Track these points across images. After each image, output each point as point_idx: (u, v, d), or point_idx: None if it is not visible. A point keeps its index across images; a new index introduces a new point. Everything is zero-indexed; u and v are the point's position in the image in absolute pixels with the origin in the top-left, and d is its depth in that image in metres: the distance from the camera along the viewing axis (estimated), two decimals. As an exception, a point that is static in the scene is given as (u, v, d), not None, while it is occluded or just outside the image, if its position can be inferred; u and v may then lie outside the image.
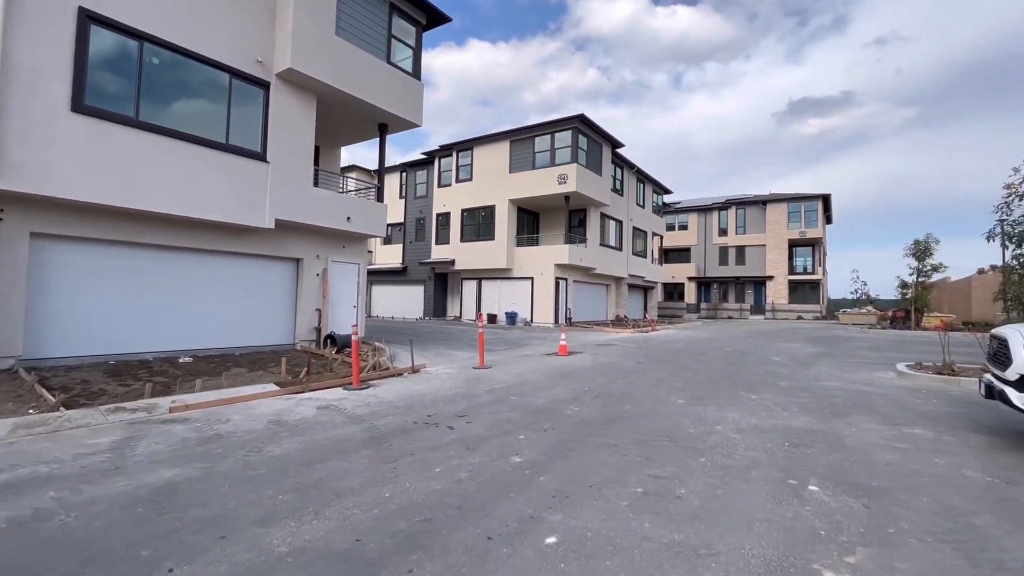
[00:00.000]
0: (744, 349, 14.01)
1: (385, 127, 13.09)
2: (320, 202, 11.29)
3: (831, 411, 6.13)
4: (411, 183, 28.26)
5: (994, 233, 8.63)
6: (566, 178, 21.15)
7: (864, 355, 12.74)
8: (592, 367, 10.01)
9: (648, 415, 5.90)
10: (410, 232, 28.02)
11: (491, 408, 6.23)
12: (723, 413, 5.99)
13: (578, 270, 23.68)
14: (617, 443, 4.71)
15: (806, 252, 38.81)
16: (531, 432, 5.10)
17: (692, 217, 42.84)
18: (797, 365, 10.61)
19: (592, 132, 22.58)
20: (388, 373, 9.00)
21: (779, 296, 38.05)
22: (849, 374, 9.36)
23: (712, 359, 11.55)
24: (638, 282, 30.54)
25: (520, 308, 22.98)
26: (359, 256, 13.12)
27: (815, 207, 37.19)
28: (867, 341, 17.34)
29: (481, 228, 23.97)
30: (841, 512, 3.18)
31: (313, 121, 11.13)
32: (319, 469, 3.94)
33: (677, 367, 10.11)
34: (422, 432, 5.07)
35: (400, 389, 7.56)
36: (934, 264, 21.32)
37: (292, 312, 11.72)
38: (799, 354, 12.86)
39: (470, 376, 8.81)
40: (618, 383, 8.12)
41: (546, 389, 7.55)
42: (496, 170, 23.52)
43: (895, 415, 5.95)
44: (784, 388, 7.74)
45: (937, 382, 8.18)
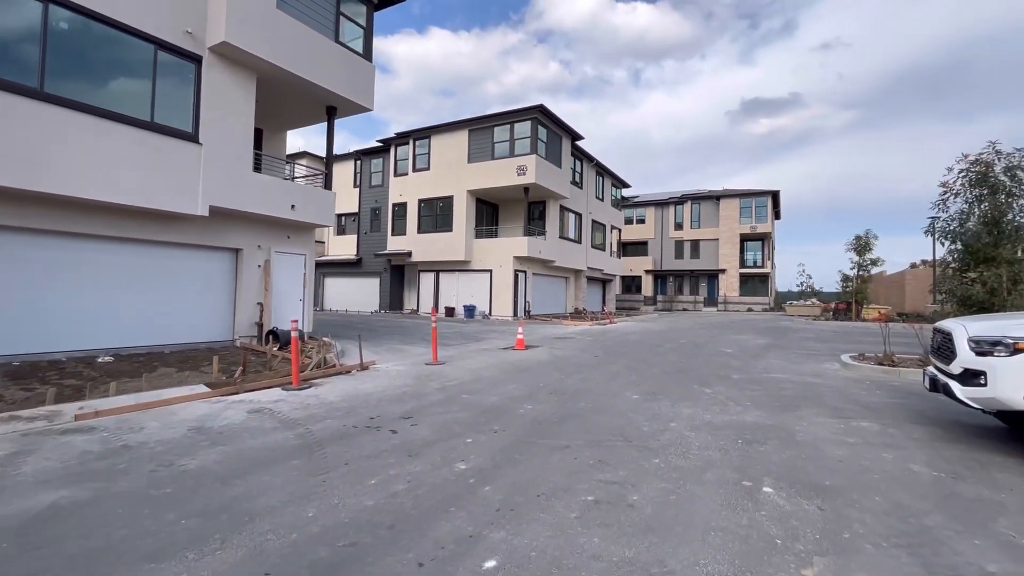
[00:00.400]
0: (698, 341, 14.23)
1: (333, 111, 12.37)
2: (261, 188, 10.53)
3: (782, 405, 6.15)
4: (366, 171, 27.26)
5: (932, 229, 8.99)
6: (525, 169, 20.88)
7: (810, 346, 13.17)
8: (549, 361, 9.82)
9: (603, 412, 5.72)
10: (365, 222, 27.06)
11: (440, 408, 5.89)
12: (677, 409, 5.89)
13: (537, 263, 23.53)
14: (570, 444, 4.48)
15: (756, 246, 40.26)
16: (480, 434, 4.80)
17: (649, 211, 43.58)
18: (748, 357, 10.80)
19: (552, 123, 22.37)
20: (334, 371, 8.49)
21: (731, 289, 39.35)
22: (797, 365, 9.56)
23: (667, 352, 11.62)
24: (597, 275, 30.77)
25: (479, 301, 22.63)
26: (306, 247, 12.40)
27: (765, 203, 38.58)
28: (812, 332, 18.04)
29: (439, 219, 23.40)
30: (796, 516, 3.05)
31: (252, 101, 10.33)
32: (237, 485, 3.50)
33: (633, 360, 10.07)
34: (362, 437, 4.68)
35: (345, 388, 7.10)
36: (873, 258, 22.49)
37: (231, 306, 10.93)
38: (750, 345, 13.15)
39: (422, 373, 8.43)
40: (574, 378, 7.95)
41: (500, 386, 7.28)
42: (454, 160, 22.96)
43: (842, 407, 6.02)
44: (736, 381, 7.78)
45: (879, 373, 8.44)
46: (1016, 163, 8.42)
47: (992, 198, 8.55)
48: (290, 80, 10.80)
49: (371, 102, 12.63)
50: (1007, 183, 8.43)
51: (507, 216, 24.81)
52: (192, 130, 9.26)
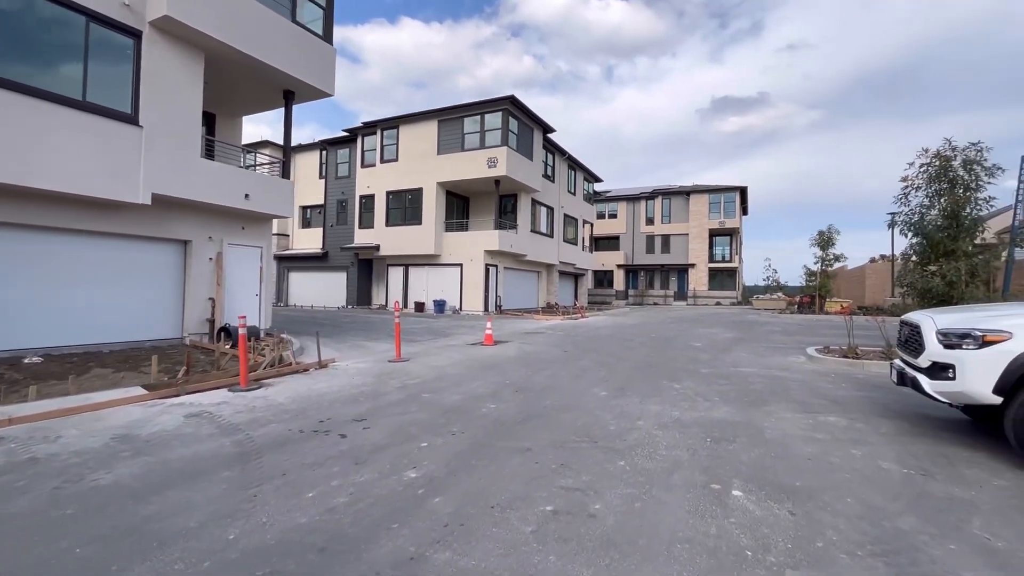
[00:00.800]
0: (668, 335, 14.22)
1: (291, 95, 11.73)
2: (211, 176, 9.88)
3: (750, 400, 6.03)
4: (332, 162, 26.37)
5: (894, 222, 9.10)
6: (496, 161, 20.51)
7: (777, 339, 13.31)
8: (517, 357, 9.55)
9: (569, 410, 5.47)
10: (331, 215, 26.21)
11: (397, 409, 5.54)
12: (645, 406, 5.70)
13: (509, 257, 23.24)
14: (531, 447, 4.21)
15: (725, 241, 40.97)
16: (437, 437, 4.49)
17: (621, 206, 43.82)
18: (717, 351, 10.78)
19: (523, 115, 22.04)
20: (290, 370, 8.02)
21: (700, 283, 39.98)
22: (765, 359, 9.57)
23: (637, 346, 11.51)
24: (569, 269, 30.71)
25: (449, 296, 22.21)
26: (262, 239, 11.76)
27: (733, 198, 39.26)
28: (778, 325, 18.34)
29: (408, 212, 22.82)
30: (767, 523, 2.85)
31: (200, 82, 9.65)
32: (152, 503, 3.09)
33: (603, 355, 9.90)
34: (307, 443, 4.30)
35: (297, 389, 6.67)
36: (835, 253, 23.05)
37: (179, 302, 10.26)
38: (718, 339, 13.19)
39: (383, 371, 8.04)
40: (541, 374, 7.70)
41: (464, 384, 6.97)
42: (424, 151, 22.40)
43: (810, 402, 5.95)
44: (705, 375, 7.67)
45: (844, 365, 8.49)
46: (973, 157, 8.55)
47: (951, 192, 8.68)
48: (242, 61, 10.15)
49: (332, 87, 12.05)
50: (964, 177, 8.56)
51: (478, 209, 24.41)
52: (131, 111, 8.56)
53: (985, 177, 8.48)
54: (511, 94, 20.22)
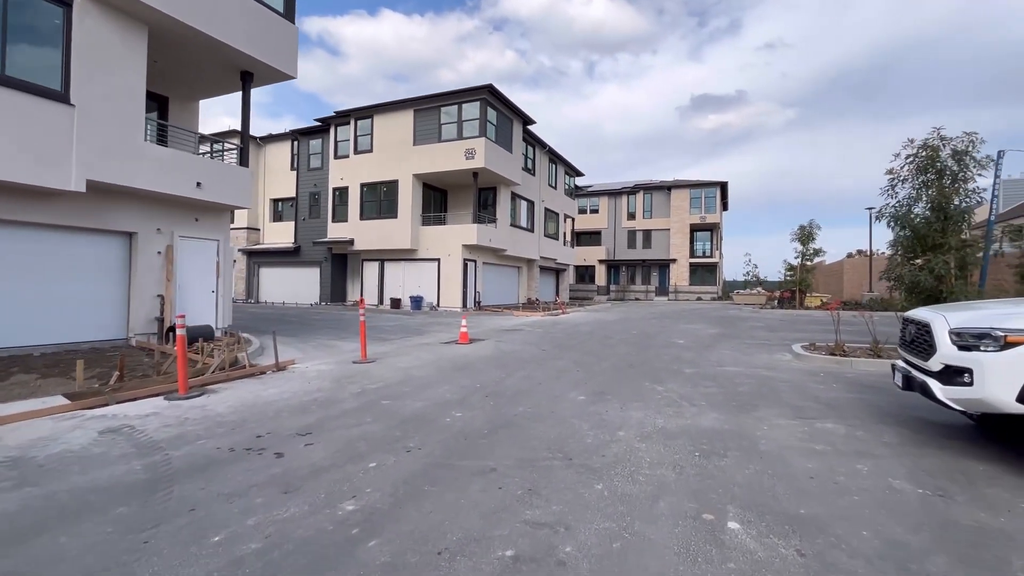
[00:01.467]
0: (649, 332, 13.82)
1: (249, 77, 10.91)
2: (157, 162, 9.05)
3: (739, 404, 5.58)
4: (304, 153, 25.34)
5: (881, 215, 8.78)
6: (474, 153, 19.84)
7: (760, 335, 13.01)
8: (492, 357, 8.99)
9: (543, 419, 4.93)
10: (303, 208, 25.22)
11: (350, 420, 4.93)
12: (627, 412, 5.19)
13: (488, 251, 22.63)
14: (496, 466, 3.66)
15: (705, 236, 40.99)
16: (389, 455, 3.90)
17: (603, 201, 43.50)
18: (700, 348, 10.38)
19: (502, 105, 21.40)
20: (242, 373, 7.33)
21: (681, 278, 39.94)
22: (750, 357, 9.19)
23: (618, 343, 11.05)
24: (550, 264, 30.24)
25: (426, 292, 21.52)
26: (219, 231, 10.94)
27: (714, 193, 39.25)
28: (760, 321, 18.14)
29: (383, 205, 22.02)
30: (773, 567, 2.34)
31: (143, 59, 8.81)
32: (9, 556, 2.44)
33: (582, 354, 9.40)
34: (233, 466, 3.67)
35: (244, 396, 6.00)
36: (816, 248, 23.01)
37: (125, 299, 9.42)
38: (701, 336, 12.83)
39: (345, 373, 7.40)
40: (516, 376, 7.15)
41: (431, 388, 6.38)
42: (399, 142, 21.60)
43: (803, 406, 5.52)
44: (690, 376, 7.22)
45: (832, 363, 8.14)
46: (963, 147, 8.25)
47: (939, 183, 8.37)
48: (193, 37, 9.31)
49: (294, 68, 11.25)
50: (954, 167, 8.25)
51: (456, 203, 23.73)
52: (61, 88, 7.70)
53: (974, 169, 8.20)
54: (489, 83, 19.55)
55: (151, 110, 11.40)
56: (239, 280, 26.48)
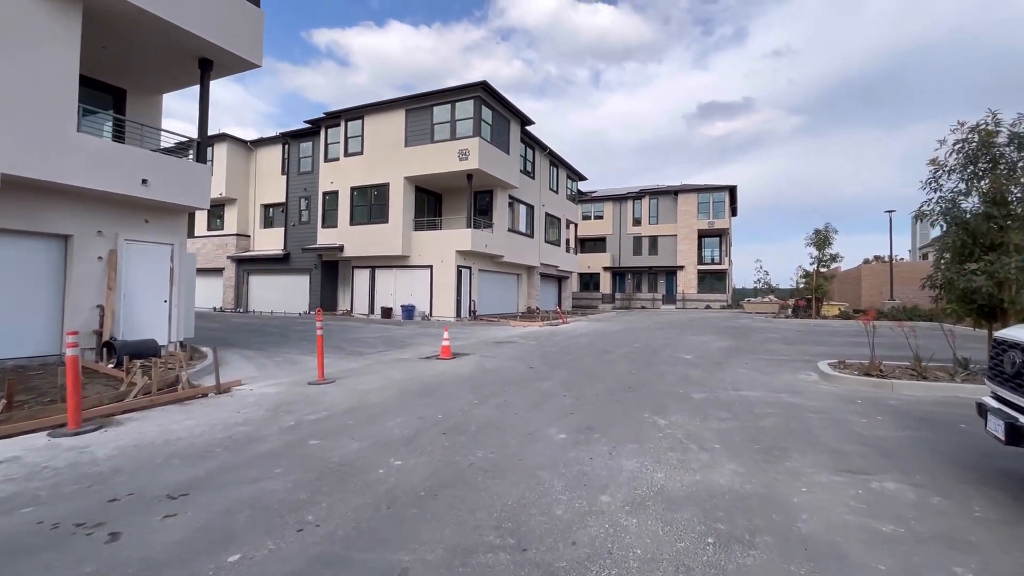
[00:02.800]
0: (654, 344, 12.56)
1: (209, 65, 9.90)
2: (94, 155, 8.02)
3: (764, 447, 4.35)
4: (295, 156, 24.44)
5: (924, 212, 7.53)
6: (467, 153, 18.78)
7: (777, 349, 11.71)
8: (469, 377, 7.80)
9: (504, 472, 3.74)
10: (293, 214, 24.28)
11: (255, 470, 3.77)
12: (617, 460, 3.99)
13: (484, 258, 21.50)
14: (412, 563, 2.47)
15: (714, 243, 39.64)
16: (270, 537, 2.73)
17: (607, 206, 42.33)
18: (711, 365, 9.13)
19: (498, 104, 20.36)
20: (170, 398, 6.24)
21: (689, 286, 38.57)
22: (769, 377, 7.93)
23: (618, 359, 9.82)
24: (551, 271, 29.05)
25: (419, 300, 20.40)
26: (173, 234, 9.89)
27: (723, 198, 37.94)
28: (775, 332, 16.80)
29: (373, 209, 20.99)
30: None
31: (77, 39, 7.82)
32: None
33: (575, 373, 8.19)
34: (31, 559, 2.51)
35: (148, 431, 4.88)
36: (832, 253, 21.63)
37: (58, 310, 8.37)
38: (711, 349, 11.56)
39: (290, 398, 6.26)
40: (490, 403, 5.96)
41: (381, 420, 5.21)
42: (390, 143, 20.61)
43: (846, 450, 4.28)
44: (699, 404, 5.99)
45: (868, 387, 6.87)
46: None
47: (993, 173, 7.12)
48: (138, 17, 8.32)
49: (259, 56, 10.25)
50: (1013, 155, 7.00)
51: (452, 207, 22.67)
52: (-30, 68, 6.70)
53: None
54: (483, 80, 18.52)
55: (105, 104, 10.46)
56: (228, 289, 25.55)
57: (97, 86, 10.37)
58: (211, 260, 26.06)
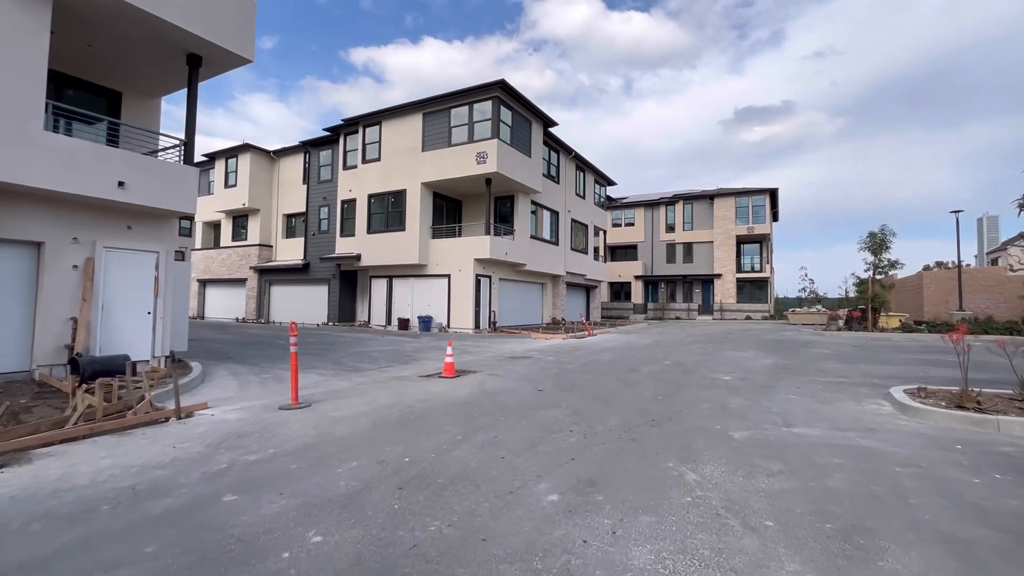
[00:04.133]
0: (687, 362, 11.12)
1: (197, 61, 9.29)
2: (63, 155, 7.42)
3: (840, 529, 3.03)
4: (315, 165, 24.16)
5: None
6: (485, 156, 17.85)
7: (833, 368, 10.09)
8: (464, 402, 6.69)
9: (455, 563, 2.59)
10: (313, 223, 23.94)
11: (118, 548, 2.77)
12: (622, 547, 2.77)
13: (505, 266, 20.45)
14: None
15: (754, 249, 37.32)
16: None
17: (639, 212, 40.65)
18: (754, 389, 7.70)
19: (518, 104, 19.38)
20: (119, 424, 5.49)
21: (727, 295, 36.35)
22: (829, 406, 6.47)
23: (643, 380, 8.50)
24: (578, 280, 27.69)
25: (436, 311, 19.50)
26: (159, 240, 9.25)
27: (763, 201, 35.70)
28: (827, 346, 14.97)
29: (391, 217, 20.31)
30: None
31: (45, 32, 7.26)
32: None
33: (589, 397, 6.95)
34: None
35: (50, 473, 4.04)
36: (891, 259, 19.48)
37: (29, 323, 7.77)
38: (754, 368, 10.05)
39: (244, 429, 5.33)
40: (473, 442, 4.83)
41: (330, 465, 4.16)
42: (408, 148, 19.93)
43: (968, 536, 2.92)
44: (741, 447, 4.67)
45: (965, 424, 5.35)
46: None
47: None
48: (117, 9, 7.74)
49: (250, 50, 9.59)
50: None
51: (472, 214, 21.77)
52: (-81, 61, 6.15)
53: None
54: (501, 79, 17.59)
55: (99, 107, 10.02)
56: (250, 299, 25.41)
57: (90, 88, 9.96)
58: (234, 271, 26.04)
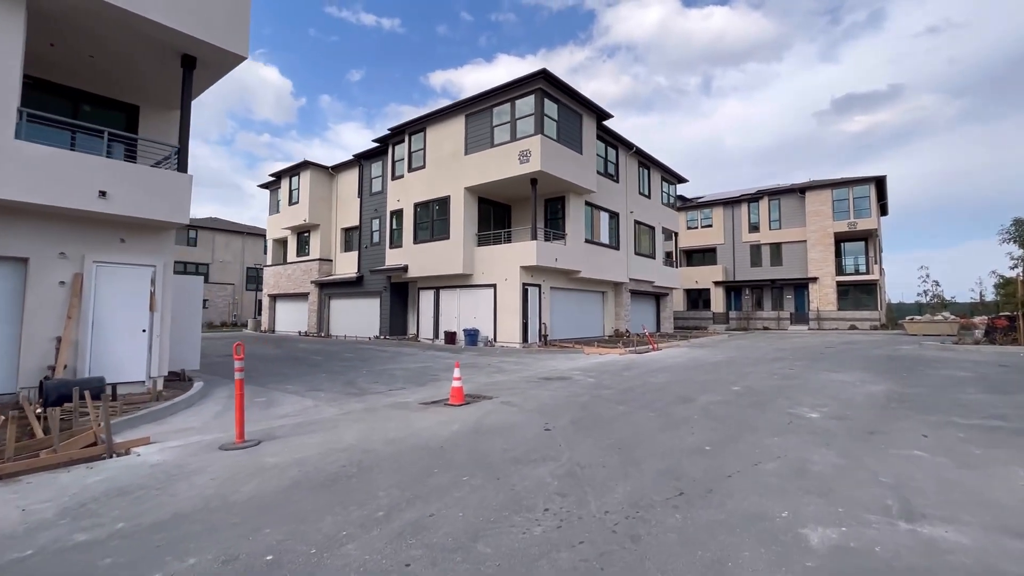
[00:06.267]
0: (762, 388, 8.76)
1: (192, 62, 8.75)
2: (36, 165, 6.99)
3: None
4: (367, 178, 24.10)
5: None
6: (529, 154, 16.36)
7: (977, 401, 7.30)
8: (438, 448, 5.17)
9: None
10: (366, 235, 23.79)
11: None
12: None
13: (556, 274, 18.72)
14: None
15: (857, 248, 32.25)
16: None
17: (717, 212, 36.94)
18: (854, 438, 5.41)
19: (565, 96, 17.71)
20: (27, 466, 4.58)
21: (825, 301, 31.61)
22: (980, 474, 4.14)
23: (693, 417, 6.46)
24: (645, 288, 25.16)
25: (482, 324, 18.20)
26: (155, 254, 8.74)
27: (866, 193, 30.74)
28: (963, 367, 11.59)
29: (436, 225, 19.43)
30: None
31: (19, 38, 6.91)
32: None
33: (604, 446, 5.13)
34: None
35: None
36: (1048, 251, 15.16)
37: (15, 343, 7.42)
38: (856, 399, 7.54)
39: (155, 475, 4.28)
40: (390, 526, 3.29)
41: (163, 559, 2.83)
42: (451, 153, 18.99)
43: None
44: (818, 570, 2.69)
45: None
46: None
47: None
48: (95, 11, 7.30)
49: (244, 46, 8.91)
50: None
51: (522, 219, 20.34)
52: None
53: None
54: (543, 68, 16.04)
55: (118, 122, 9.89)
56: (312, 313, 25.82)
57: (106, 104, 9.86)
58: (298, 285, 26.67)
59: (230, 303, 42.39)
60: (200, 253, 41.42)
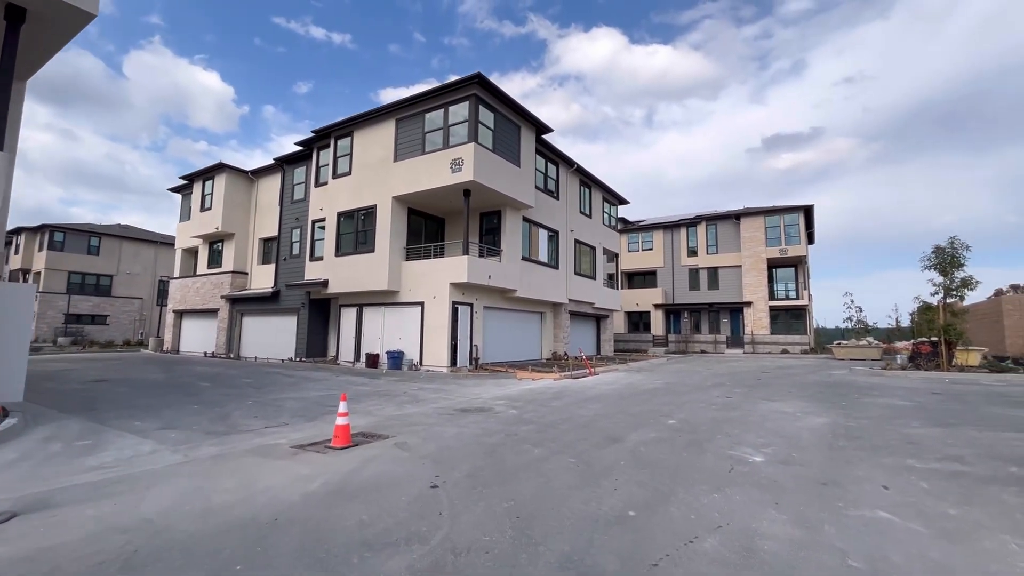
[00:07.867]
0: (700, 420, 7.83)
1: (20, 14, 6.96)
2: None
3: None
4: (289, 184, 22.10)
5: None
6: (461, 163, 15.23)
7: (925, 437, 6.65)
8: (284, 519, 3.70)
9: None
10: (285, 247, 21.67)
11: None
12: None
13: (490, 292, 17.52)
14: None
15: (788, 274, 33.40)
16: None
17: (657, 235, 37.38)
18: (806, 491, 4.43)
19: (502, 105, 16.84)
20: None
21: (759, 325, 32.32)
22: (977, 562, 3.19)
23: (619, 465, 5.32)
24: (586, 310, 24.46)
25: (409, 345, 16.60)
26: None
27: (796, 220, 32.00)
28: (897, 394, 11.31)
29: (359, 236, 17.78)
30: None
31: None
32: None
33: (499, 514, 3.85)
34: None
35: None
36: (964, 277, 15.66)
37: None
38: (801, 437, 6.71)
39: None
40: None
41: None
42: (380, 159, 17.54)
43: None
44: None
45: None
46: None
47: None
48: None
49: (94, 2, 7.23)
50: None
51: (457, 233, 19.07)
52: None
53: None
54: (478, 72, 15.08)
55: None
56: (221, 331, 23.11)
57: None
58: (207, 300, 23.91)
59: (136, 319, 38.08)
60: (103, 263, 37.13)
